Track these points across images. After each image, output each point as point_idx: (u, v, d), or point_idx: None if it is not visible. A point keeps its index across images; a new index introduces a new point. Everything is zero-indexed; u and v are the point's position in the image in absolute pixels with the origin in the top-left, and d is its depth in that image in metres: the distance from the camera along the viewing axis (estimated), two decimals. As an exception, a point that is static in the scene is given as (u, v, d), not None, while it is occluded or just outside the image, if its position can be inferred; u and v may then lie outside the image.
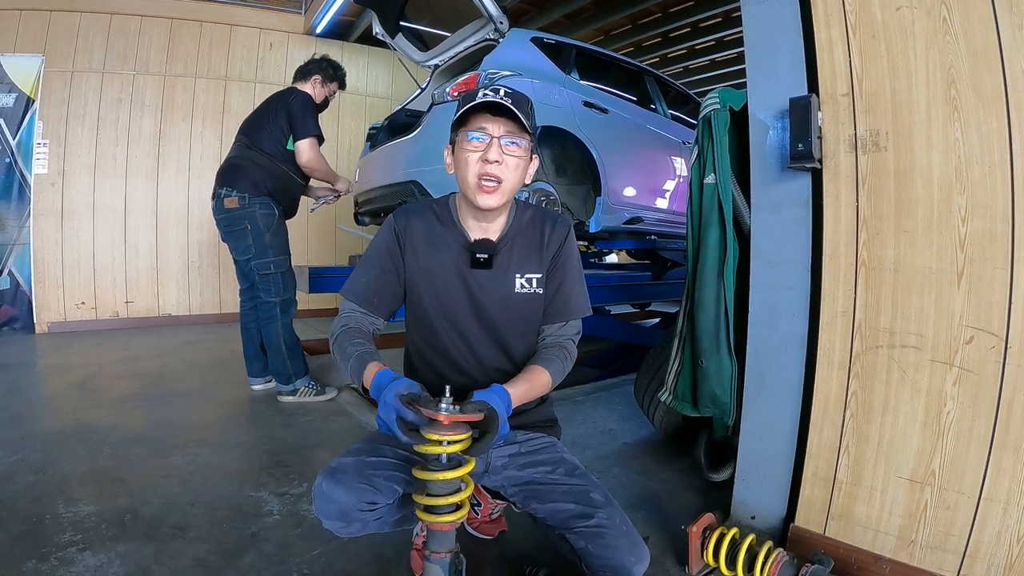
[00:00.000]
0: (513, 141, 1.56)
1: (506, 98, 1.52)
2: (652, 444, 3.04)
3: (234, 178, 3.53)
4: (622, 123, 4.60)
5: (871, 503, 1.74)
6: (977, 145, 1.51)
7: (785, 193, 1.88)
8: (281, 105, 3.60)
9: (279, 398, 3.68)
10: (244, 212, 3.49)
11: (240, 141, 3.64)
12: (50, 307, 6.09)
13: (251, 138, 3.59)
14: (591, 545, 1.48)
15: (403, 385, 1.38)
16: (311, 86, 3.75)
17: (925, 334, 1.61)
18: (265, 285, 3.59)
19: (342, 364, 1.56)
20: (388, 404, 1.35)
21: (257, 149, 3.56)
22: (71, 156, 6.14)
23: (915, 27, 1.58)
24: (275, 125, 3.57)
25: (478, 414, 1.35)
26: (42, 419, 3.23)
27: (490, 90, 1.54)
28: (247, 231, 3.51)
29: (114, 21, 6.21)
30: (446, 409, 1.31)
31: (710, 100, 2.17)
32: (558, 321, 1.73)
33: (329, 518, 1.47)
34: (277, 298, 3.60)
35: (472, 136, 1.55)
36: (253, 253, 3.54)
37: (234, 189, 3.50)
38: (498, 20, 3.90)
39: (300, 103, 3.59)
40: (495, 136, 1.54)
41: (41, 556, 1.84)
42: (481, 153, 1.54)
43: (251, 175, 3.52)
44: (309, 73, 3.78)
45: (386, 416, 1.35)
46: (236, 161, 3.58)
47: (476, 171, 1.55)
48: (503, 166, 1.55)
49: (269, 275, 3.57)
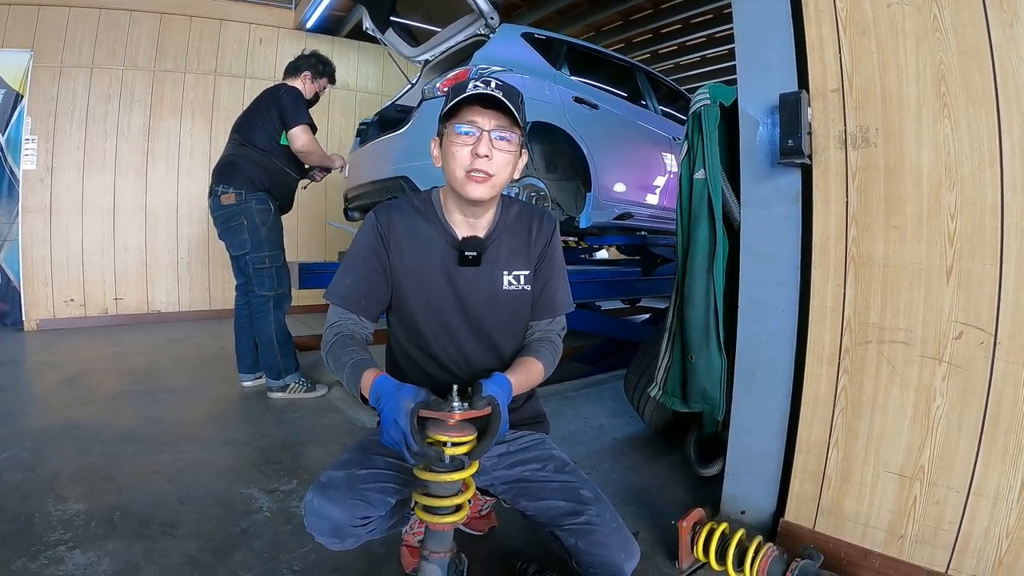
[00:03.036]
0: (503, 136, 1.51)
1: (497, 90, 1.47)
2: (642, 440, 3.05)
3: (230, 175, 3.54)
4: (612, 119, 4.60)
5: (861, 498, 1.75)
6: (967, 142, 1.51)
7: (775, 189, 1.89)
8: (271, 101, 3.62)
9: (269, 394, 3.68)
10: (240, 208, 3.51)
11: (234, 139, 3.67)
12: (39, 304, 6.05)
13: (244, 135, 3.62)
14: (581, 542, 1.47)
15: (409, 396, 1.31)
16: (301, 82, 3.77)
17: (914, 330, 1.62)
18: (259, 279, 3.59)
19: (337, 374, 1.51)
20: (398, 425, 1.27)
21: (251, 146, 3.58)
22: (60, 152, 6.09)
23: (905, 24, 1.58)
24: (267, 121, 3.59)
25: (487, 409, 1.33)
26: (31, 416, 3.21)
27: (481, 82, 1.49)
28: (243, 226, 3.53)
29: (103, 16, 6.16)
30: (459, 408, 1.30)
31: (700, 95, 2.17)
32: (545, 318, 1.72)
33: (322, 535, 1.44)
34: (271, 292, 3.61)
35: (461, 129, 1.50)
36: (249, 248, 3.55)
37: (231, 186, 3.51)
38: (489, 15, 3.89)
39: (290, 97, 3.62)
40: (485, 129, 1.49)
41: (31, 555, 1.83)
42: (471, 147, 1.49)
43: (247, 171, 3.54)
44: (299, 69, 3.80)
45: (394, 436, 1.28)
46: (231, 159, 3.60)
47: (465, 165, 1.50)
48: (493, 160, 1.50)
49: (264, 269, 3.58)
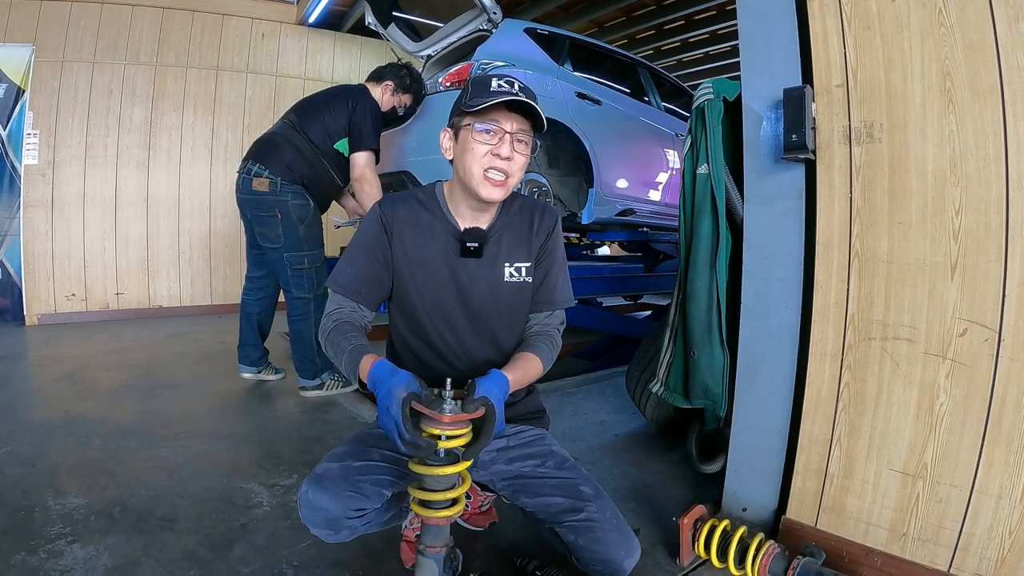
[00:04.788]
0: (523, 139, 1.54)
1: (521, 93, 1.48)
2: (643, 436, 3.04)
3: (269, 156, 3.31)
4: (615, 115, 4.59)
5: (863, 496, 1.74)
6: (972, 138, 1.50)
7: (778, 184, 1.88)
8: (346, 102, 3.38)
9: (302, 392, 3.56)
10: (275, 199, 3.28)
11: (288, 120, 3.44)
12: (40, 299, 6.04)
13: (302, 121, 3.38)
14: (581, 539, 1.47)
15: (402, 385, 1.32)
16: (381, 91, 3.57)
17: (918, 326, 1.61)
18: (298, 280, 3.41)
19: (335, 359, 1.52)
20: (390, 413, 1.29)
21: (303, 134, 3.35)
22: (61, 146, 6.06)
23: (910, 19, 1.57)
24: (332, 119, 3.36)
25: (480, 410, 1.32)
26: (31, 411, 3.20)
27: (504, 82, 1.50)
28: (277, 219, 3.30)
29: (105, 10, 6.12)
30: (451, 410, 1.29)
31: (704, 90, 2.16)
32: (544, 310, 1.73)
33: (316, 526, 1.45)
34: (311, 293, 3.44)
35: (483, 128, 1.51)
36: (283, 244, 3.34)
37: (266, 168, 3.28)
38: (491, 10, 3.88)
39: (368, 110, 3.38)
40: (509, 132, 1.51)
41: (30, 549, 1.83)
42: (491, 147, 1.51)
43: (287, 157, 3.31)
44: (383, 77, 3.60)
45: (387, 424, 1.30)
46: (276, 139, 3.38)
47: (484, 164, 1.51)
48: (512, 162, 1.53)
49: (303, 270, 3.40)
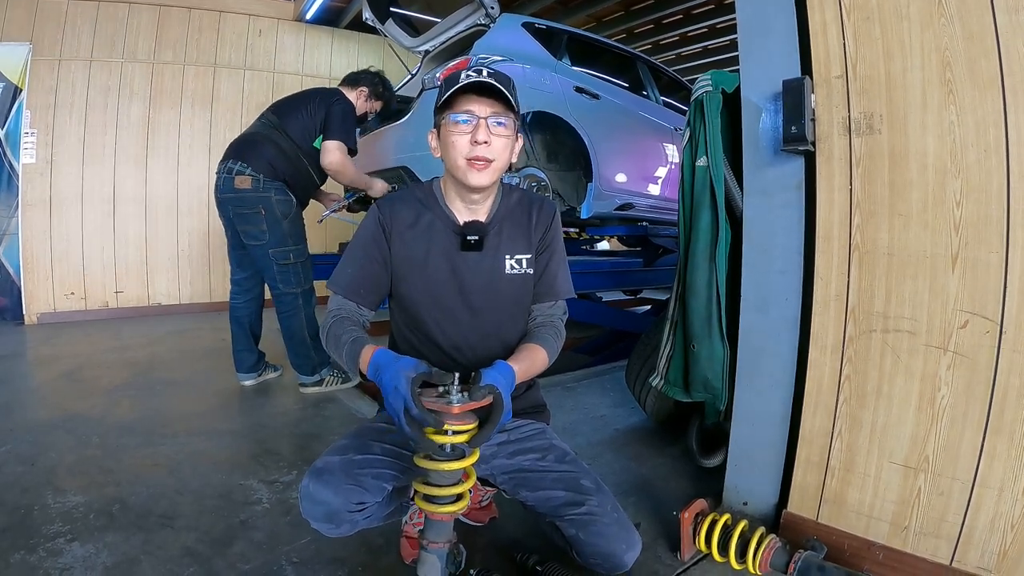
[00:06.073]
0: (500, 121, 1.55)
1: (489, 78, 1.51)
2: (644, 430, 3.04)
3: (250, 154, 3.30)
4: (614, 109, 4.59)
5: (864, 489, 1.74)
6: (972, 129, 1.49)
7: (778, 176, 1.87)
8: (323, 101, 3.41)
9: (302, 389, 3.55)
10: (258, 196, 3.26)
11: (267, 119, 3.44)
12: (39, 297, 6.04)
13: (282, 119, 3.39)
14: (582, 533, 1.47)
15: (410, 367, 1.33)
16: (356, 95, 3.59)
17: (919, 318, 1.60)
18: (284, 276, 3.40)
19: (335, 353, 1.53)
20: (398, 391, 1.29)
21: (283, 132, 3.36)
22: (59, 145, 6.06)
23: (910, 9, 1.56)
24: (310, 117, 3.38)
25: (487, 398, 1.32)
26: (31, 409, 3.20)
27: (472, 71, 1.53)
28: (261, 216, 3.28)
29: (102, 8, 6.12)
30: (458, 400, 1.29)
31: (702, 82, 2.15)
32: (546, 300, 1.74)
33: (316, 520, 1.45)
34: (298, 288, 3.43)
35: (458, 118, 1.54)
36: (267, 240, 3.32)
37: (248, 166, 3.26)
38: (489, 5, 3.87)
39: (344, 108, 3.42)
40: (482, 117, 1.53)
41: (29, 547, 1.82)
42: (469, 135, 1.53)
43: (268, 154, 3.30)
44: (358, 82, 3.63)
45: (395, 402, 1.29)
46: (256, 137, 3.38)
47: (465, 153, 1.54)
48: (492, 146, 1.54)
49: (289, 265, 3.39)
